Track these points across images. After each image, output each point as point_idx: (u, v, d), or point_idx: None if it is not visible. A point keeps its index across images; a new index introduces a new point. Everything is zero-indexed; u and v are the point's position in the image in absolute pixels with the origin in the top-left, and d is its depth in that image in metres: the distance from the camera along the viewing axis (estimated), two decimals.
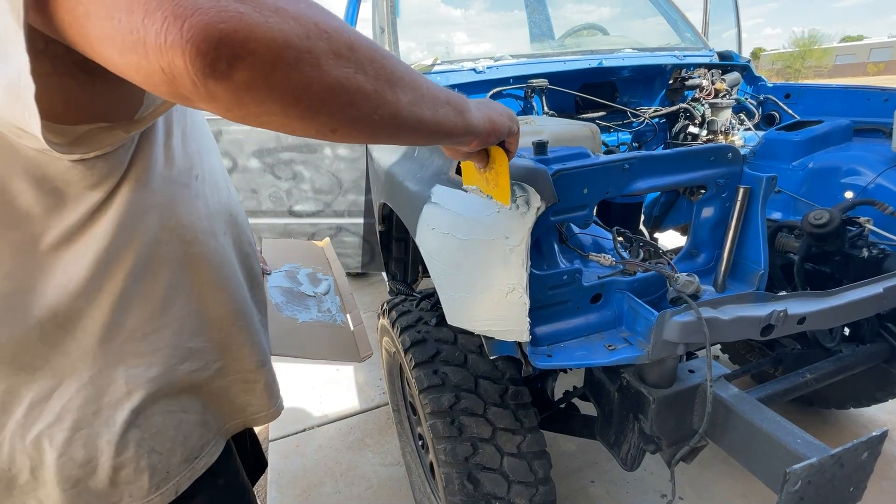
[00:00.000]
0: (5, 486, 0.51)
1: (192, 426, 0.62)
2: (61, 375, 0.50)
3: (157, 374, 0.56)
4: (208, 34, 0.28)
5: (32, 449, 0.50)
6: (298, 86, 0.32)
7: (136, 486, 0.56)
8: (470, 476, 1.04)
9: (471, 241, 0.83)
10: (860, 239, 1.21)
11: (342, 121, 0.37)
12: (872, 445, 0.73)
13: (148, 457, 0.56)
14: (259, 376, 0.71)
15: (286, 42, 0.31)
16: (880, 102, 1.62)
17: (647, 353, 0.82)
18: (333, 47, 0.34)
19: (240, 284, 0.67)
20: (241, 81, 0.30)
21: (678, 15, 2.38)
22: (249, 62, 0.29)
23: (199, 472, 0.63)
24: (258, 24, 0.29)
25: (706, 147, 0.90)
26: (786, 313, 0.84)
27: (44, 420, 0.50)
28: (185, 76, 0.29)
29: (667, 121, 2.09)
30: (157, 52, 0.28)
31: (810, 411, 1.95)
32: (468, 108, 0.53)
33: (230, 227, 0.66)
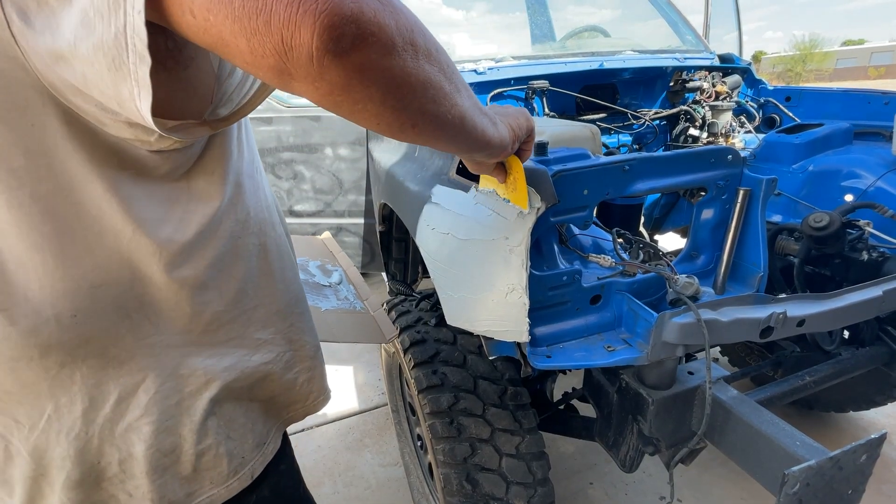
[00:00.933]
0: (95, 478, 0.52)
1: (258, 413, 0.63)
2: (147, 368, 0.51)
3: (231, 364, 0.57)
4: (341, 10, 0.29)
5: (122, 441, 0.51)
6: (402, 74, 0.35)
7: (216, 472, 0.57)
8: (468, 477, 1.04)
9: (471, 242, 0.83)
10: (860, 242, 1.21)
11: (425, 115, 0.39)
12: (871, 448, 0.72)
13: (226, 443, 0.58)
14: (316, 363, 0.73)
15: (399, 32, 0.33)
16: (880, 106, 1.62)
17: (646, 355, 0.82)
18: (426, 46, 0.37)
19: (296, 273, 0.69)
20: (357, 62, 0.31)
21: (679, 17, 2.38)
22: (370, 43, 0.31)
23: (270, 456, 0.65)
24: (380, 11, 0.31)
25: (706, 149, 0.90)
26: (785, 315, 0.85)
27: (132, 413, 0.51)
28: (303, 50, 0.29)
29: (667, 123, 2.09)
30: (285, 20, 0.28)
31: (810, 414, 1.95)
32: (497, 120, 0.55)
33: (281, 217, 0.69)
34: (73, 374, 0.47)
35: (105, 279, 0.46)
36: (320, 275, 0.97)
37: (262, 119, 1.91)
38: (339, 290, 1.03)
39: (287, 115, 1.89)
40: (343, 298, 0.99)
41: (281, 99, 1.91)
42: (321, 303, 0.95)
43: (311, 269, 0.99)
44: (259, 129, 1.92)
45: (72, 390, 0.48)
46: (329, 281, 0.98)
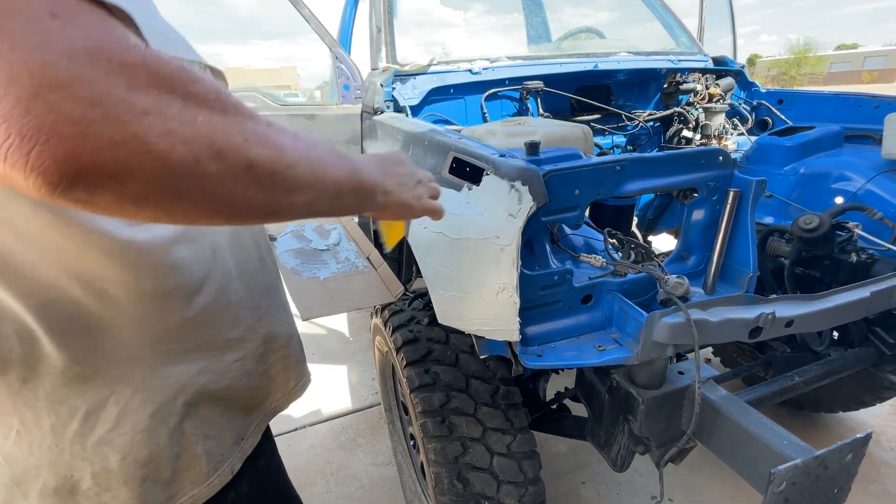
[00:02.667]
0: (68, 491, 0.51)
1: (237, 409, 0.63)
2: (115, 382, 0.51)
3: (203, 367, 0.57)
4: (63, 168, 0.24)
5: (94, 455, 0.51)
6: (172, 207, 0.30)
7: (195, 472, 0.57)
8: (460, 475, 1.04)
9: (462, 241, 0.83)
10: (849, 244, 1.22)
11: (222, 222, 0.37)
12: (856, 447, 0.73)
13: (203, 443, 0.58)
14: (290, 350, 0.72)
15: (168, 170, 0.28)
16: (871, 109, 1.64)
17: (636, 354, 0.83)
18: (227, 168, 0.32)
19: (259, 264, 0.69)
20: (103, 203, 0.27)
21: (674, 20, 2.40)
22: (115, 191, 0.27)
23: (249, 450, 0.65)
24: (135, 155, 0.26)
25: (696, 150, 0.91)
26: (774, 316, 0.85)
27: (102, 426, 0.50)
28: (24, 187, 0.25)
29: (661, 124, 2.10)
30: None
31: (800, 415, 1.97)
32: (373, 194, 0.51)
33: None
34: (35, 390, 0.47)
35: (55, 296, 0.45)
36: (317, 238, 0.95)
37: None
38: (339, 251, 0.99)
39: (281, 113, 1.88)
40: (343, 260, 0.95)
41: (275, 97, 1.90)
42: (320, 271, 0.92)
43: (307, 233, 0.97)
44: None
45: (36, 406, 0.47)
46: (327, 243, 0.95)
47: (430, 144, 1.12)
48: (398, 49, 1.89)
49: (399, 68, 1.78)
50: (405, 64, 1.82)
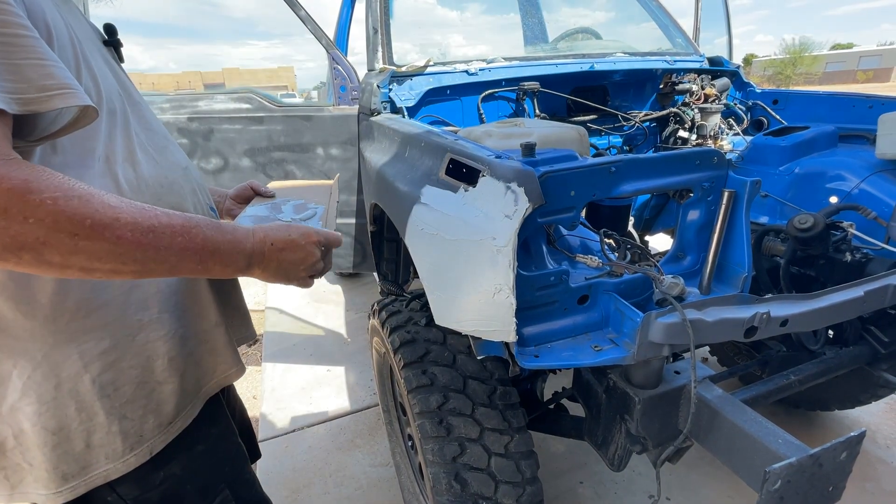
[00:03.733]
0: (1, 447, 0.60)
1: (167, 395, 0.69)
2: (14, 356, 0.57)
3: (109, 347, 0.62)
4: None
5: (10, 419, 0.59)
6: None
7: (110, 448, 0.64)
8: (457, 476, 1.05)
9: (459, 242, 0.84)
10: (843, 243, 1.23)
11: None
12: (851, 445, 0.74)
13: (119, 423, 0.64)
14: (215, 335, 0.76)
15: None
16: (865, 109, 1.65)
17: (632, 354, 0.83)
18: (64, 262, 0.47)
19: None
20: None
21: (670, 20, 2.41)
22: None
23: (174, 433, 0.71)
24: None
25: (691, 151, 0.92)
26: (769, 315, 0.86)
27: (11, 395, 0.58)
28: None
29: (657, 125, 2.11)
30: None
31: (796, 413, 1.98)
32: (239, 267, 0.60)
33: (159, 199, 0.70)
34: None
35: None
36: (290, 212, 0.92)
37: (254, 119, 1.90)
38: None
39: (278, 114, 1.88)
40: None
41: (272, 98, 1.90)
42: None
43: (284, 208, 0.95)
44: (250, 128, 1.91)
45: None
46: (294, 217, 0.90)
47: (426, 146, 1.12)
48: (395, 50, 1.89)
49: (396, 69, 1.78)
50: (402, 65, 1.82)
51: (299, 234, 0.67)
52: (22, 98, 0.46)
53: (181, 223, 0.54)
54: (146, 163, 0.70)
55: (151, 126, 0.77)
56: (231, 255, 0.59)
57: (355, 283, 3.67)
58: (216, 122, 1.92)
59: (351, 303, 3.39)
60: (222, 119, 1.90)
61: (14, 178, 0.44)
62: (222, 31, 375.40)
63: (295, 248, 0.66)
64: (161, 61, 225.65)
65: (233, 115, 1.91)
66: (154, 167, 0.71)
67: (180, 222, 0.54)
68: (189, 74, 56.89)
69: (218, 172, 2.00)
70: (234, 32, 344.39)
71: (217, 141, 1.95)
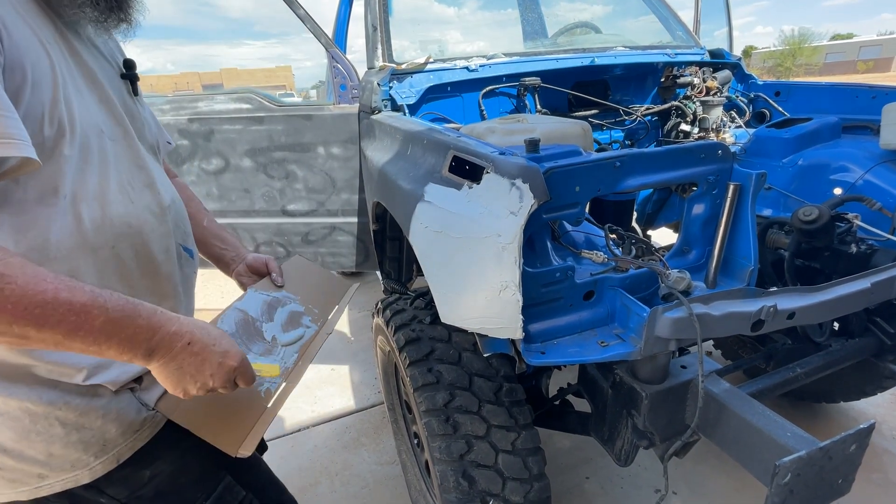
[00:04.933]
0: None
1: (126, 402, 0.70)
2: None
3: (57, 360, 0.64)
4: None
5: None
6: None
7: (72, 457, 0.66)
8: (465, 473, 1.05)
9: (464, 239, 0.83)
10: (849, 235, 1.23)
11: None
12: (860, 438, 0.74)
13: (78, 433, 0.66)
14: None
15: None
16: (868, 100, 1.64)
17: (639, 350, 0.83)
18: None
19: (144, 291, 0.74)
20: None
21: (670, 13, 2.39)
22: None
23: (144, 439, 0.72)
24: None
25: (696, 145, 0.91)
26: (775, 309, 0.85)
27: None
28: None
29: (659, 119, 2.10)
30: None
31: (801, 405, 1.98)
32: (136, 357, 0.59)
33: (124, 239, 0.71)
34: None
35: None
36: (278, 324, 0.85)
37: (254, 118, 1.90)
38: (275, 352, 0.83)
39: (278, 114, 1.88)
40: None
41: (272, 98, 1.90)
42: None
43: (278, 312, 0.87)
44: (250, 128, 1.91)
45: None
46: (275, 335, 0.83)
47: (429, 143, 1.12)
48: (394, 48, 1.88)
49: (396, 67, 1.78)
50: (402, 62, 1.81)
51: (221, 350, 0.64)
52: None
53: (83, 303, 0.53)
54: (118, 202, 0.70)
55: (142, 162, 0.77)
56: (131, 343, 0.57)
57: (358, 282, 3.68)
58: (216, 122, 1.91)
59: (354, 301, 3.39)
60: (222, 120, 1.90)
61: None
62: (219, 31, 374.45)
63: (205, 362, 0.63)
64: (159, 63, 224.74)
65: (233, 115, 1.90)
66: (126, 206, 0.71)
67: (82, 301, 0.53)
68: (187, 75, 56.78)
69: (219, 173, 2.00)
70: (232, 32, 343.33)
71: (217, 142, 1.94)
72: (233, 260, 0.99)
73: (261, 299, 0.90)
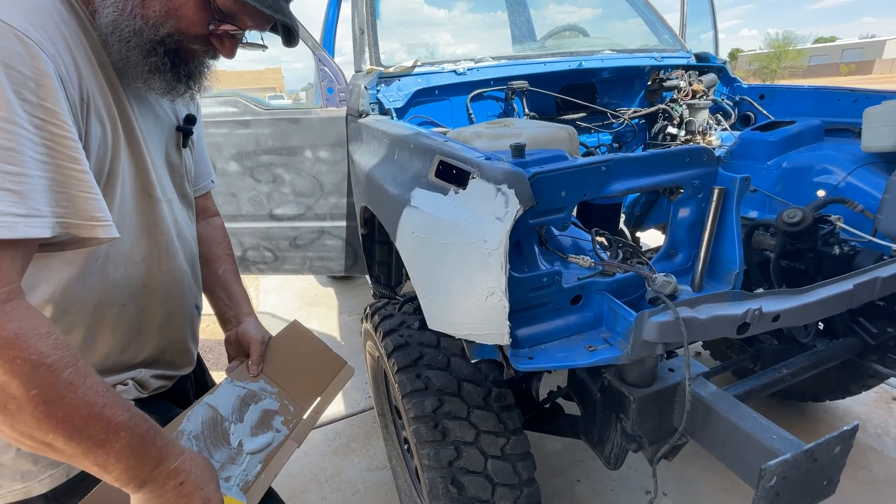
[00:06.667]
0: None
1: None
2: None
3: None
4: None
5: None
6: None
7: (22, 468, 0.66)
8: (454, 480, 1.04)
9: (450, 245, 0.83)
10: (832, 236, 1.24)
11: None
12: (844, 440, 0.74)
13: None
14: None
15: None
16: (850, 103, 1.67)
17: (626, 354, 0.83)
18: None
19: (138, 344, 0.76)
20: None
21: (656, 17, 2.41)
22: None
23: None
24: None
25: (681, 149, 0.91)
26: (761, 311, 0.86)
27: None
28: None
29: (646, 122, 2.12)
30: None
31: (788, 404, 2.00)
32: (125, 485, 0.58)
33: (134, 299, 0.74)
34: None
35: None
36: (247, 427, 0.80)
37: (240, 122, 1.88)
38: (240, 461, 0.78)
39: (265, 117, 1.86)
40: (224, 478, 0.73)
41: (258, 101, 1.88)
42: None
43: (250, 410, 0.82)
44: (237, 132, 1.89)
45: None
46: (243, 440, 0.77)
47: (415, 147, 1.11)
48: (382, 50, 1.87)
49: (383, 70, 1.77)
50: (389, 66, 1.80)
51: (206, 497, 0.64)
52: (65, 222, 0.53)
53: (118, 423, 0.54)
54: (142, 264, 0.73)
55: (175, 226, 0.80)
56: (133, 471, 0.57)
57: (347, 286, 3.65)
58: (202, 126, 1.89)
59: (343, 305, 3.37)
60: (208, 123, 1.87)
61: (5, 330, 0.47)
62: None
63: (184, 496, 0.63)
64: None
65: (218, 118, 1.88)
66: (150, 269, 0.75)
67: (118, 421, 0.54)
68: None
69: None
70: None
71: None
72: (229, 321, 0.95)
73: (234, 394, 0.84)
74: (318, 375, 0.93)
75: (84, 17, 0.62)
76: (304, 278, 3.84)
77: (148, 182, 0.73)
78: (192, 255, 0.88)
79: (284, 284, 3.76)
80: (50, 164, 0.52)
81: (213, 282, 0.95)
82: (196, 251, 0.90)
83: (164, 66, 0.66)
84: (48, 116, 0.52)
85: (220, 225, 1.03)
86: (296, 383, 0.90)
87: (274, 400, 0.86)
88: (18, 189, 0.48)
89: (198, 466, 0.64)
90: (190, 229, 0.87)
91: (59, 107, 0.53)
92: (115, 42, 0.62)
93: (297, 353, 0.94)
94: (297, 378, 0.91)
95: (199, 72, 0.73)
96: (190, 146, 0.87)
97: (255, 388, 0.87)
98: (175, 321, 0.83)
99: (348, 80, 1.84)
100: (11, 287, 0.49)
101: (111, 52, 0.64)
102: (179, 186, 0.84)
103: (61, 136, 0.53)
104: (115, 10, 0.61)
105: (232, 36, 0.70)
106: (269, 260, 2.12)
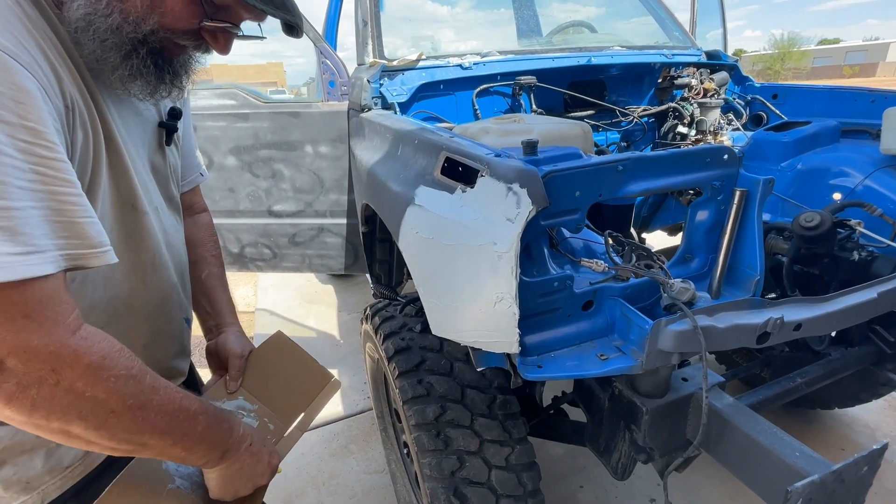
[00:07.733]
0: None
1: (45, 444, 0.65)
2: None
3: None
4: None
5: None
6: None
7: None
8: (456, 491, 1.00)
9: (457, 247, 0.78)
10: (850, 241, 1.20)
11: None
12: (873, 459, 0.70)
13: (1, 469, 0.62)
14: None
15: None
16: (867, 104, 1.62)
17: (640, 363, 0.79)
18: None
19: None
20: None
21: (666, 13, 2.36)
22: None
23: (75, 478, 0.67)
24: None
25: (702, 148, 0.87)
26: (782, 320, 0.82)
27: None
28: None
29: (655, 120, 2.07)
30: None
31: (795, 411, 1.96)
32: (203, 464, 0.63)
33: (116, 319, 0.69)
34: None
35: None
36: None
37: (239, 115, 1.83)
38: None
39: (264, 111, 1.81)
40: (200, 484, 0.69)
41: (257, 94, 1.83)
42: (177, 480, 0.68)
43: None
44: (236, 125, 1.84)
45: None
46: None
47: (420, 143, 1.06)
48: (385, 44, 1.82)
49: (387, 64, 1.72)
50: (393, 59, 1.75)
51: (269, 450, 0.71)
52: (69, 254, 0.49)
53: (194, 410, 0.58)
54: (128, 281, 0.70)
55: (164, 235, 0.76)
56: (216, 446, 0.61)
57: (347, 284, 3.61)
58: (199, 118, 1.84)
59: (343, 303, 3.32)
60: (205, 116, 1.82)
61: (93, 354, 0.48)
62: None
63: (259, 461, 0.69)
64: None
65: (216, 111, 1.83)
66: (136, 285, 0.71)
67: (193, 409, 0.58)
68: None
69: None
70: None
71: (200, 139, 1.87)
72: (210, 330, 0.90)
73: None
74: (303, 390, 0.87)
75: (48, 8, 0.53)
76: (303, 275, 3.80)
77: (131, 193, 0.66)
78: (181, 265, 0.82)
79: (283, 281, 3.72)
80: (42, 191, 0.46)
81: (195, 286, 0.89)
82: (186, 259, 0.84)
83: (147, 68, 0.59)
84: (33, 138, 0.45)
85: (208, 222, 0.96)
86: (278, 399, 0.84)
87: (252, 419, 0.81)
88: (7, 225, 0.43)
89: (251, 427, 0.70)
90: (178, 236, 0.81)
91: (45, 125, 0.46)
92: (88, 40, 0.54)
93: (280, 367, 0.88)
94: (280, 393, 0.85)
95: (186, 69, 0.65)
96: (175, 142, 0.80)
97: (231, 406, 0.81)
98: (162, 339, 0.77)
99: (350, 74, 1.79)
100: (76, 313, 0.49)
101: (84, 52, 0.55)
102: (165, 190, 0.77)
103: (50, 158, 0.47)
104: (89, 2, 0.53)
105: (226, 30, 0.62)
106: (268, 257, 2.08)
